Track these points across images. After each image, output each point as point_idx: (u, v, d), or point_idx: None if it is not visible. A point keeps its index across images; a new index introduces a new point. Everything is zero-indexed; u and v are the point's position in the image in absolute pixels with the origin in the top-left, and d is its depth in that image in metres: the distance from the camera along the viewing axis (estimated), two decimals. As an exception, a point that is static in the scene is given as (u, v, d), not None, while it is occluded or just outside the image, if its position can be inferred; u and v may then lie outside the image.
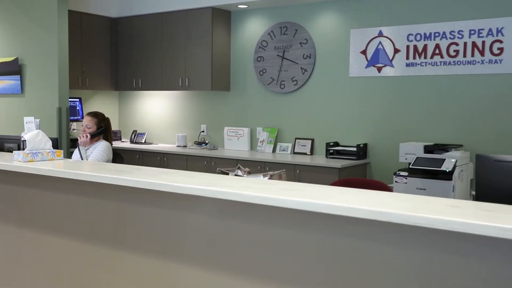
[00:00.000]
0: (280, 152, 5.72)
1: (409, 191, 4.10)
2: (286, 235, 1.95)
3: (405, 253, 1.69)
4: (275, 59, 5.79)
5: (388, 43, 5.04)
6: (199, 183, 2.13)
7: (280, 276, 1.98)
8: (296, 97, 5.69)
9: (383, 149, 5.11)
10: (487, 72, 4.53)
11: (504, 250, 1.51)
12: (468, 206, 1.71)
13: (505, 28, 4.42)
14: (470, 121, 4.64)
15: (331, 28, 5.41)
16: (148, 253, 2.38)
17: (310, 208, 1.73)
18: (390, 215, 1.58)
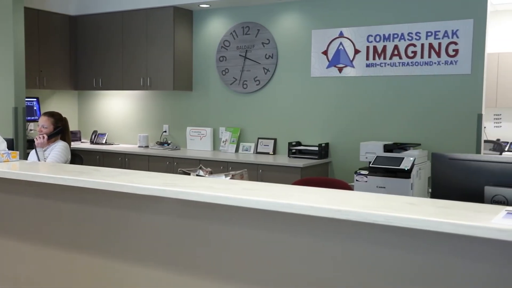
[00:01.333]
0: (243, 152, 5.73)
1: (369, 189, 4.17)
2: (248, 235, 1.95)
3: (365, 250, 1.71)
4: (237, 59, 5.79)
5: (349, 43, 5.12)
6: (159, 183, 2.10)
7: (242, 275, 1.98)
8: (258, 97, 5.71)
9: (344, 149, 5.19)
10: (443, 73, 4.66)
11: (458, 245, 1.56)
12: (424, 203, 1.75)
13: (460, 30, 4.56)
14: (428, 120, 4.76)
15: (293, 29, 5.46)
16: (109, 255, 2.34)
17: (271, 207, 1.73)
18: (350, 213, 1.60)
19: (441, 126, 4.70)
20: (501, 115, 7.37)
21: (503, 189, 1.75)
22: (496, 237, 1.39)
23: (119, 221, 2.31)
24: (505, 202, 1.74)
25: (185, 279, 2.12)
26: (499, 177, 1.80)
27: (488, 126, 7.39)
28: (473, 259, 1.54)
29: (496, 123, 7.42)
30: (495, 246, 1.50)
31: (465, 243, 1.55)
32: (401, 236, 1.64)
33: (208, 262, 2.06)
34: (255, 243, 1.94)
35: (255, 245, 1.94)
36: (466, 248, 1.55)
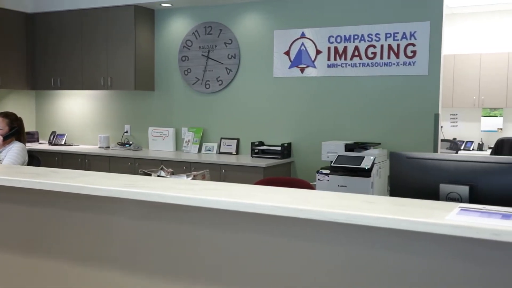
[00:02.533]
0: (205, 152, 5.71)
1: (331, 188, 4.23)
2: (210, 235, 1.95)
3: (328, 248, 1.73)
4: (200, 59, 5.76)
5: (311, 44, 5.17)
6: (119, 184, 2.07)
7: (206, 276, 1.97)
8: (221, 97, 5.70)
9: (306, 148, 5.24)
10: (402, 73, 4.77)
11: (415, 242, 1.60)
12: (383, 201, 1.78)
13: (418, 32, 4.67)
14: (387, 120, 4.86)
15: (255, 29, 5.47)
16: (69, 259, 2.29)
17: (232, 207, 1.73)
18: (311, 212, 1.62)
19: (400, 126, 4.81)
20: (457, 115, 7.60)
21: (457, 186, 1.81)
22: (450, 233, 1.43)
23: (78, 224, 2.26)
24: (459, 199, 1.80)
25: (146, 281, 2.10)
26: (453, 175, 1.85)
27: (445, 126, 7.61)
28: (430, 255, 1.58)
29: (452, 122, 7.65)
30: (449, 242, 1.54)
31: (421, 240, 1.59)
32: (361, 234, 1.67)
33: (169, 264, 2.04)
34: (217, 244, 1.93)
35: (217, 246, 1.93)
36: (423, 244, 1.59)
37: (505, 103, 7.00)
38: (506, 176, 1.75)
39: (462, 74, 7.21)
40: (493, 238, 1.37)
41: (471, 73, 7.16)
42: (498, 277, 1.49)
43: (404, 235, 1.60)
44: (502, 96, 6.99)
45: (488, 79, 7.05)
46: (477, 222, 1.42)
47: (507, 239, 1.35)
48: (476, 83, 7.14)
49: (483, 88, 7.10)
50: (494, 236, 1.36)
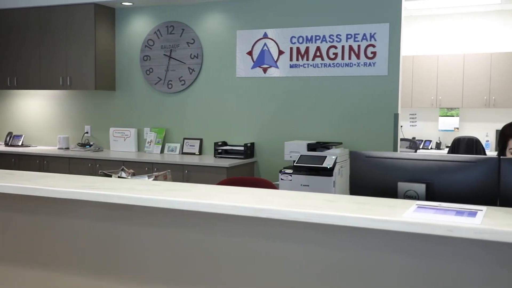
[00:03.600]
0: (168, 152, 5.66)
1: (294, 188, 4.27)
2: (172, 236, 1.93)
3: (291, 247, 1.75)
4: (162, 58, 5.71)
5: (273, 44, 5.20)
6: (78, 186, 2.03)
7: (166, 277, 1.95)
8: (184, 97, 5.66)
9: (269, 148, 5.26)
10: (362, 74, 4.85)
11: (375, 239, 1.63)
12: (343, 200, 1.81)
13: (377, 33, 4.77)
14: (348, 119, 4.94)
15: (218, 29, 5.46)
16: (27, 263, 2.22)
17: (193, 207, 1.73)
18: (271, 211, 1.63)
19: (361, 125, 4.89)
20: (416, 114, 7.78)
21: (414, 184, 1.85)
22: (407, 230, 1.47)
23: (36, 227, 2.20)
24: (416, 197, 1.84)
25: (107, 284, 2.06)
26: (411, 173, 1.90)
27: (404, 125, 7.79)
28: (389, 252, 1.61)
29: (411, 122, 7.83)
30: (407, 238, 1.58)
31: (381, 237, 1.62)
32: (323, 232, 1.69)
33: (131, 265, 2.02)
34: (179, 245, 1.92)
35: (180, 247, 1.92)
36: (382, 241, 1.62)
37: (461, 103, 7.21)
38: (460, 174, 1.80)
39: (420, 75, 7.39)
40: (447, 234, 1.41)
41: (429, 74, 7.34)
42: (452, 271, 1.53)
43: (364, 233, 1.63)
44: (458, 97, 7.21)
45: (445, 80, 7.25)
46: (432, 219, 1.46)
47: (460, 235, 1.39)
48: (433, 83, 7.33)
49: (440, 88, 7.30)
50: (448, 232, 1.41)
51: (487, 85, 7.02)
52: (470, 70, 7.11)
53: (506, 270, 1.47)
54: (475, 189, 1.78)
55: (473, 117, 7.44)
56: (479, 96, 7.08)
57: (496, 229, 1.36)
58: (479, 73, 7.06)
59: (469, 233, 1.38)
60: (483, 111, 7.32)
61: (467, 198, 1.75)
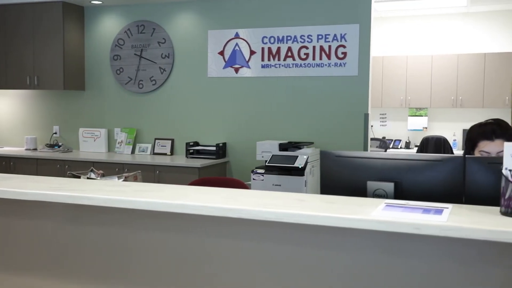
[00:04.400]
0: (139, 153, 5.60)
1: (266, 187, 4.28)
2: (142, 237, 1.91)
3: (262, 247, 1.75)
4: (132, 58, 5.65)
5: (245, 45, 5.20)
6: (46, 188, 1.99)
7: (138, 279, 1.93)
8: (155, 97, 5.61)
9: (241, 148, 5.26)
10: (333, 74, 4.90)
11: (345, 238, 1.64)
12: (313, 199, 1.82)
13: (348, 34, 4.82)
14: (320, 119, 4.98)
15: (189, 28, 5.43)
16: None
17: (163, 208, 1.71)
18: (241, 211, 1.63)
19: (332, 125, 4.93)
20: (386, 114, 7.90)
21: (383, 183, 1.88)
22: (376, 228, 1.49)
23: (2, 230, 2.15)
24: (385, 195, 1.87)
25: (75, 286, 2.03)
26: (379, 172, 1.92)
27: (374, 125, 7.89)
28: (358, 250, 1.63)
29: (381, 122, 7.94)
30: (376, 236, 1.60)
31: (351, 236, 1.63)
32: (294, 232, 1.70)
33: (100, 268, 1.99)
34: (149, 246, 1.90)
35: (149, 248, 1.90)
36: (352, 240, 1.64)
37: (430, 103, 7.35)
38: (427, 173, 1.83)
39: (390, 75, 7.51)
40: (414, 231, 1.43)
41: (398, 74, 7.46)
42: (420, 269, 1.56)
43: (334, 232, 1.64)
44: (426, 97, 7.34)
45: (414, 80, 7.38)
46: (400, 217, 1.48)
47: (426, 233, 1.42)
48: (403, 84, 7.45)
49: (409, 88, 7.42)
50: (415, 230, 1.43)
51: (454, 85, 7.18)
52: (438, 71, 7.25)
53: (470, 266, 1.50)
54: (441, 187, 1.81)
55: (441, 117, 7.60)
56: (446, 97, 7.23)
57: (461, 226, 1.39)
58: (446, 74, 7.21)
59: (436, 230, 1.41)
60: (450, 111, 7.48)
61: (434, 196, 1.78)
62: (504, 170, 1.50)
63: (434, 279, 1.54)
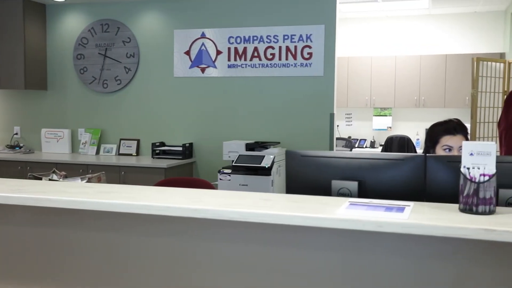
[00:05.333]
0: (104, 153, 5.51)
1: (232, 187, 4.27)
2: (106, 239, 1.88)
3: (229, 247, 1.75)
4: (96, 57, 5.55)
5: (211, 44, 5.18)
6: (5, 190, 1.93)
7: (103, 282, 1.90)
8: (120, 97, 5.54)
9: (208, 148, 5.25)
10: (299, 74, 4.93)
11: (310, 237, 1.65)
12: (279, 199, 1.83)
13: (313, 34, 4.86)
14: (286, 119, 5.01)
15: (155, 28, 5.38)
16: None
17: (126, 209, 1.69)
18: (206, 211, 1.62)
19: (298, 125, 4.97)
20: (352, 114, 8.01)
21: (347, 182, 1.90)
22: (340, 227, 1.51)
23: (-43, 234, 2.08)
24: (349, 194, 1.89)
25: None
26: (344, 171, 1.95)
27: (340, 125, 7.99)
28: (324, 249, 1.65)
29: (347, 121, 8.05)
30: (341, 234, 1.62)
31: (316, 234, 1.65)
32: (260, 231, 1.70)
33: (62, 271, 1.95)
34: (114, 248, 1.87)
35: (114, 250, 1.87)
36: (317, 238, 1.65)
37: (394, 103, 7.49)
38: (390, 171, 1.87)
39: (355, 76, 7.62)
40: (377, 229, 1.46)
41: (363, 74, 7.58)
42: (382, 266, 1.59)
43: (300, 231, 1.65)
44: (390, 97, 7.48)
45: (378, 81, 7.51)
46: (363, 215, 1.51)
47: (388, 230, 1.45)
48: (367, 84, 7.57)
49: (374, 89, 7.55)
50: (378, 227, 1.45)
51: (417, 86, 7.34)
52: (401, 72, 7.40)
53: (431, 261, 1.54)
54: (403, 185, 1.85)
55: (405, 116, 7.75)
56: (409, 97, 7.38)
57: (422, 223, 1.42)
58: (409, 75, 7.37)
59: (397, 228, 1.44)
60: (413, 111, 7.64)
61: (396, 195, 1.82)
62: (462, 168, 1.54)
63: (396, 275, 1.57)
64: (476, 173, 1.51)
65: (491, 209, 1.50)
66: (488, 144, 1.53)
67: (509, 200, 1.66)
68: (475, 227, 1.36)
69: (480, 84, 5.36)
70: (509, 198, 1.66)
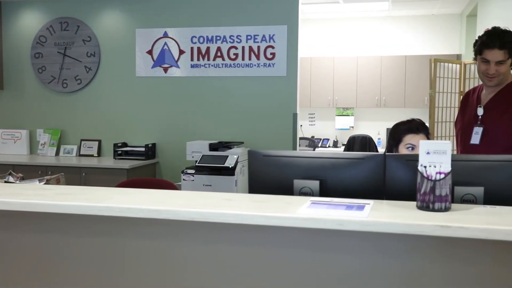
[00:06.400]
0: (64, 155, 5.39)
1: (196, 188, 4.25)
2: (67, 242, 1.84)
3: (193, 248, 1.73)
4: (55, 56, 5.42)
5: (174, 44, 5.14)
6: (-42, 193, 1.87)
7: (62, 284, 1.86)
8: (80, 97, 5.42)
9: (171, 148, 5.20)
10: (263, 75, 4.95)
11: (273, 236, 1.66)
12: (241, 198, 1.83)
13: (276, 35, 4.89)
14: (250, 119, 5.01)
15: (116, 27, 5.29)
16: None
17: (86, 211, 1.66)
18: (168, 212, 1.61)
19: (262, 125, 4.99)
20: (315, 114, 8.09)
21: (308, 181, 1.92)
22: (301, 226, 1.52)
23: None
24: (311, 193, 1.91)
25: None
26: (306, 171, 1.96)
27: (304, 124, 8.06)
28: (287, 248, 1.66)
29: (310, 121, 8.13)
30: (303, 233, 1.63)
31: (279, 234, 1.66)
32: (223, 232, 1.70)
33: (19, 275, 1.89)
34: (74, 251, 1.83)
35: (74, 253, 1.83)
36: (280, 238, 1.66)
37: (356, 103, 7.61)
38: (351, 170, 1.90)
39: (318, 76, 7.70)
40: (338, 227, 1.48)
41: (325, 75, 7.67)
42: (344, 263, 1.61)
43: (263, 230, 1.66)
44: (352, 97, 7.60)
45: (341, 81, 7.61)
46: (324, 214, 1.53)
47: (349, 228, 1.47)
48: (330, 84, 7.67)
49: (336, 89, 7.65)
50: (339, 226, 1.48)
51: (378, 86, 7.48)
52: (363, 72, 7.53)
53: (390, 258, 1.57)
54: (364, 184, 1.88)
55: (366, 116, 7.89)
56: (371, 97, 7.52)
57: (380, 221, 1.45)
58: (371, 75, 7.50)
59: (357, 226, 1.46)
60: (375, 110, 7.79)
61: (357, 193, 1.85)
62: (419, 167, 1.58)
63: (357, 272, 1.59)
64: (432, 171, 1.55)
65: (447, 206, 1.55)
66: (444, 143, 1.57)
67: (464, 197, 1.71)
68: (431, 224, 1.40)
69: (437, 84, 5.50)
70: (464, 195, 1.71)
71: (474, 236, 1.38)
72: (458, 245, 1.49)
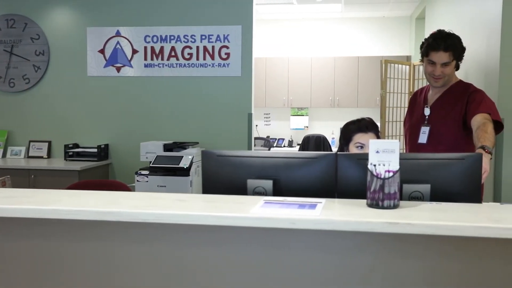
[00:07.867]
0: (11, 156, 5.21)
1: (150, 189, 4.20)
2: (14, 247, 1.78)
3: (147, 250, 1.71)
4: (2, 54, 5.23)
5: (126, 43, 5.06)
6: None
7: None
8: (29, 97, 5.25)
9: (124, 149, 5.11)
10: (217, 75, 4.94)
11: (227, 236, 1.66)
12: (194, 199, 1.82)
13: (231, 35, 4.89)
14: (205, 119, 4.99)
15: (66, 25, 5.15)
16: None
17: (33, 214, 1.60)
18: (120, 214, 1.58)
19: (217, 125, 4.97)
20: (270, 114, 8.14)
21: (262, 181, 1.93)
22: (254, 225, 1.53)
23: None
24: (264, 193, 1.92)
25: None
26: (259, 170, 1.97)
27: (259, 124, 8.10)
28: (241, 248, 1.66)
29: (266, 121, 8.17)
30: (257, 233, 1.63)
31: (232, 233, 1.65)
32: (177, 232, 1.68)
33: (-38, 283, 1.81)
34: (23, 255, 1.77)
35: (23, 257, 1.77)
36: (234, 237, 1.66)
37: (310, 103, 7.71)
38: (303, 170, 1.92)
39: (273, 76, 7.75)
40: (290, 226, 1.49)
41: (280, 75, 7.73)
42: (298, 262, 1.63)
43: (217, 230, 1.65)
44: (307, 97, 7.70)
45: (295, 81, 7.69)
46: (276, 213, 1.54)
47: (301, 227, 1.49)
48: (285, 84, 7.74)
49: (291, 89, 7.73)
50: (291, 224, 1.49)
51: (331, 86, 7.60)
52: (317, 73, 7.64)
53: (344, 257, 1.60)
54: (316, 183, 1.91)
55: (320, 116, 8.01)
56: (325, 97, 7.63)
57: (332, 219, 1.47)
58: (324, 76, 7.62)
59: (309, 224, 1.48)
60: (328, 110, 7.91)
61: (309, 192, 1.87)
62: (369, 165, 1.62)
63: (311, 270, 1.61)
64: (381, 169, 1.59)
65: (396, 204, 1.59)
66: (392, 142, 1.61)
67: (412, 195, 1.76)
68: (380, 221, 1.43)
69: (388, 85, 5.65)
70: (412, 193, 1.76)
71: (421, 232, 1.42)
72: (408, 241, 1.53)
